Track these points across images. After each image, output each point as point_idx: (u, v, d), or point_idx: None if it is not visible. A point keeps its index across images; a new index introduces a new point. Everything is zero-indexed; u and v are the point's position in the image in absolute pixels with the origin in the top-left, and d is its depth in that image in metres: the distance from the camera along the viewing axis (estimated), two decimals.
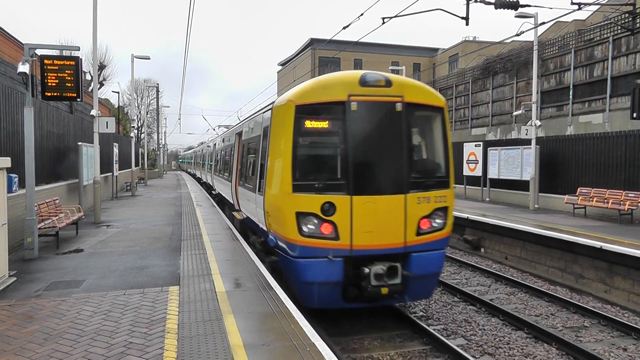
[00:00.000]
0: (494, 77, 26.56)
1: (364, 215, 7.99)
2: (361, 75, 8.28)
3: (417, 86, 8.63)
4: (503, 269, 14.16)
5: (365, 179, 8.09)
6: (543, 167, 19.57)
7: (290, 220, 7.90)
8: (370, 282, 7.97)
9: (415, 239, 8.23)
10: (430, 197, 8.38)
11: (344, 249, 7.90)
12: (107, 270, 9.39)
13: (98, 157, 16.26)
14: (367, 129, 8.17)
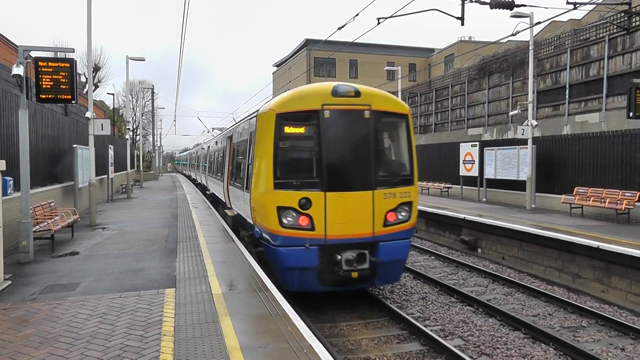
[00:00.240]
0: (490, 77, 26.63)
1: (336, 209, 9.39)
2: (333, 87, 9.70)
3: (383, 96, 10.06)
4: (500, 269, 14.19)
5: (337, 177, 9.46)
6: (540, 167, 19.63)
7: (272, 214, 9.27)
8: (342, 267, 9.33)
9: (382, 230, 9.60)
10: (396, 193, 9.81)
11: (319, 238, 9.31)
12: (102, 273, 9.38)
13: (93, 159, 16.22)
14: (339, 134, 9.57)
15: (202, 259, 10.19)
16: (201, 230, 13.91)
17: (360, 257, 9.48)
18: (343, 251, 9.43)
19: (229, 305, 7.27)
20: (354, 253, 9.43)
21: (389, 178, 9.89)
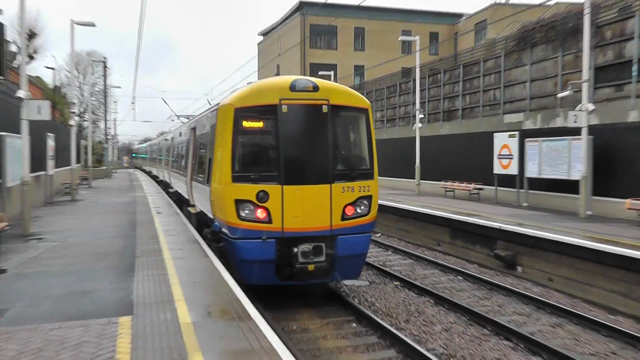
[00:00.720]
0: (532, 49, 26.59)
1: (293, 202, 11.60)
2: (292, 82, 11.98)
3: (342, 90, 12.48)
4: (546, 294, 14.15)
5: (294, 171, 11.72)
6: (597, 164, 19.58)
7: (230, 207, 11.50)
8: (298, 260, 11.53)
9: (340, 223, 11.94)
10: (355, 187, 12.15)
11: (276, 231, 11.52)
12: (38, 296, 9.25)
13: (28, 151, 16.08)
14: (297, 128, 11.86)
15: (166, 278, 10.10)
16: (166, 242, 13.85)
17: (316, 250, 11.70)
18: (300, 244, 11.64)
19: (200, 338, 7.16)
20: (310, 245, 11.65)
21: (347, 172, 12.23)
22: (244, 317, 7.98)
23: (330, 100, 12.31)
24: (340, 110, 12.47)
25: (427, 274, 16.42)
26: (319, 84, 12.34)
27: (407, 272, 16.59)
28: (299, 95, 12.13)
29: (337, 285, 14.27)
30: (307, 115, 12.21)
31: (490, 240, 18.05)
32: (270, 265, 11.77)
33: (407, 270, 16.87)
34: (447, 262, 17.83)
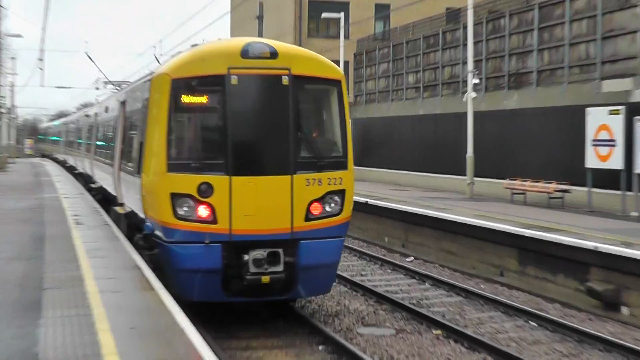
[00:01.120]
0: None
1: (244, 197, 13.02)
2: (243, 46, 13.36)
3: (308, 57, 13.96)
4: None
5: (246, 158, 13.20)
6: None
7: (165, 202, 12.96)
8: (249, 269, 12.90)
9: (304, 225, 13.34)
10: (322, 179, 13.48)
11: (223, 233, 12.92)
12: None
13: None
14: (249, 105, 13.42)
15: (90, 321, 10.04)
16: (90, 267, 13.81)
17: (272, 258, 13.11)
18: (253, 250, 13.05)
19: None
20: (265, 252, 13.07)
21: (313, 160, 13.66)
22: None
23: (293, 70, 13.62)
24: (306, 82, 13.89)
25: (484, 318, 16.35)
26: (278, 49, 13.72)
27: (453, 315, 16.53)
28: (252, 62, 13.45)
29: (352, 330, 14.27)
30: (263, 89, 13.70)
31: (579, 268, 18.02)
32: (215, 276, 13.19)
33: (453, 312, 16.80)
34: (514, 300, 17.75)
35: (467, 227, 22.45)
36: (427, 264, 23.28)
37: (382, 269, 22.19)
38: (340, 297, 17.91)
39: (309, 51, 14.53)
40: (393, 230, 27.42)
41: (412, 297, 18.28)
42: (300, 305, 16.55)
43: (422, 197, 30.00)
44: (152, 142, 13.69)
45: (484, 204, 27.61)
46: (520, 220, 22.01)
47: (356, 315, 16.09)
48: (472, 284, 20.04)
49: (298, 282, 13.65)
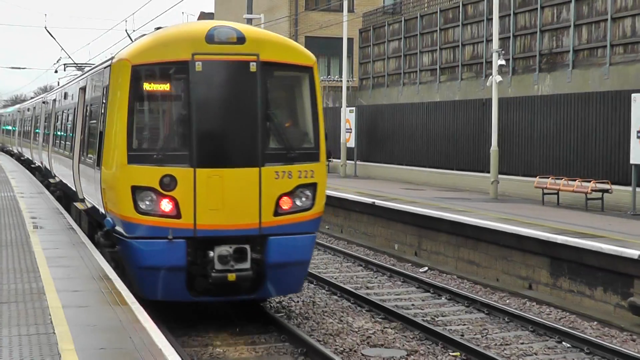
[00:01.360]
0: None
1: (209, 190, 14.42)
2: (209, 30, 14.72)
3: (278, 42, 15.55)
4: None
5: (211, 149, 14.64)
6: None
7: (125, 196, 14.34)
8: (215, 266, 14.31)
9: (273, 220, 14.85)
10: (293, 172, 14.95)
11: (187, 228, 14.35)
12: None
13: None
14: (215, 93, 14.85)
15: (52, 340, 10.11)
16: (52, 278, 13.84)
17: (239, 254, 14.51)
18: (218, 246, 14.43)
19: None
20: (231, 248, 14.49)
21: (283, 152, 15.18)
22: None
23: (261, 56, 15.04)
24: (275, 68, 15.46)
25: (509, 338, 16.43)
26: (246, 33, 15.13)
27: (473, 334, 16.63)
28: (218, 48, 14.86)
29: (356, 351, 14.36)
30: (230, 76, 15.12)
31: (621, 281, 18.03)
32: (179, 274, 14.54)
33: (473, 331, 16.90)
34: (545, 318, 17.80)
35: (490, 233, 22.48)
36: (444, 275, 23.34)
37: (391, 281, 22.28)
38: (343, 314, 18.01)
39: (279, 36, 16.16)
40: (404, 236, 27.47)
41: (426, 314, 18.36)
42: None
43: (438, 198, 30.04)
44: (112, 132, 14.94)
45: (510, 205, 27.66)
46: (553, 225, 22.04)
47: (361, 334, 16.16)
48: (495, 299, 20.12)
49: (267, 280, 15.05)
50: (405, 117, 39.86)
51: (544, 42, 33.34)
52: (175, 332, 14.94)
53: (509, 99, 31.98)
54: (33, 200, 27.28)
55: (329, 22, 55.05)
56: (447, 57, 41.03)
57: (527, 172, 30.48)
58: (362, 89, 51.25)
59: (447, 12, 41.36)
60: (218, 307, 17.67)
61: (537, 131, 30.30)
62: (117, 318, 11.23)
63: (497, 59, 30.50)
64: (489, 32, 35.63)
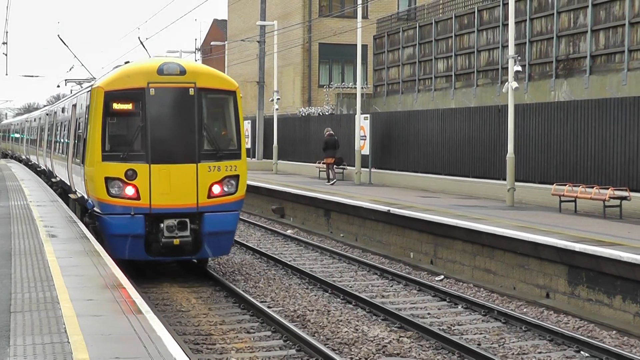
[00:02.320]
0: None
1: (160, 180, 20.29)
2: (159, 65, 20.75)
3: (210, 73, 21.71)
4: None
5: (161, 150, 20.43)
6: None
7: (100, 184, 20.24)
8: (164, 234, 20.27)
9: (207, 201, 20.87)
10: (221, 166, 20.94)
11: (144, 207, 20.21)
12: None
13: None
14: (164, 110, 20.76)
15: (66, 349, 10.11)
16: (66, 287, 13.89)
17: (181, 225, 20.72)
18: (166, 219, 20.59)
19: None
20: (175, 221, 20.64)
21: (214, 152, 21.46)
22: None
23: (197, 83, 21.40)
24: (208, 92, 21.83)
25: (527, 347, 16.41)
26: (186, 67, 21.70)
27: (490, 343, 16.64)
28: (166, 78, 21.18)
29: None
30: (174, 98, 21.58)
31: None
32: (140, 240, 20.94)
33: (490, 340, 16.89)
34: (563, 327, 17.79)
35: (506, 241, 22.45)
36: (460, 284, 23.32)
37: (407, 290, 22.26)
38: (358, 322, 18.01)
39: (211, 68, 23.25)
40: (420, 244, 27.44)
41: (442, 322, 18.34)
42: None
43: (453, 205, 29.98)
44: (91, 138, 21.57)
45: (526, 213, 27.60)
46: (570, 233, 22.00)
47: (376, 344, 16.15)
48: (512, 307, 20.08)
49: (203, 244, 21.50)
50: (420, 124, 39.77)
51: (560, 47, 33.34)
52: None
53: (525, 106, 31.93)
54: (46, 209, 27.36)
55: (342, 29, 55.13)
56: (463, 64, 41.06)
57: (543, 180, 30.42)
58: (377, 96, 51.29)
59: (462, 17, 41.40)
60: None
61: (554, 138, 30.25)
62: (132, 327, 11.23)
63: (513, 65, 30.43)
64: (504, 37, 35.64)
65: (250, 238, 32.47)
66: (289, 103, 63.63)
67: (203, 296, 20.96)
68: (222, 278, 22.47)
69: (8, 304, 12.68)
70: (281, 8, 64.99)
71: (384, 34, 50.91)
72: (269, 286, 22.21)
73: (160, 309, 18.89)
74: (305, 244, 30.58)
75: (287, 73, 65.04)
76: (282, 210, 39.87)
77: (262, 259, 26.87)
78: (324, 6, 63.12)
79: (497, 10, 37.80)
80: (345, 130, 45.10)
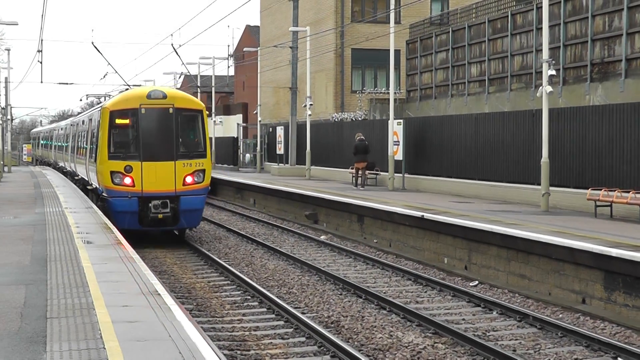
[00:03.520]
0: None
1: (149, 173, 30.64)
2: (148, 92, 31.46)
3: (184, 97, 32.91)
4: None
5: (150, 152, 30.81)
6: None
7: (107, 176, 30.80)
8: (151, 211, 30.53)
9: (182, 188, 31.01)
10: (192, 163, 31.18)
11: (137, 192, 30.47)
12: None
13: None
14: (151, 124, 31.27)
15: (103, 356, 10.15)
16: (101, 293, 14.00)
17: (164, 205, 30.19)
18: (153, 201, 30.06)
19: None
20: (159, 201, 30.12)
21: (187, 153, 31.08)
22: None
23: (175, 105, 30.66)
24: (182, 111, 30.94)
25: (563, 353, 16.33)
26: (167, 93, 31.26)
27: (525, 349, 16.59)
28: (153, 101, 30.29)
29: None
30: (158, 115, 30.65)
31: None
32: (135, 215, 29.91)
33: (525, 346, 16.82)
34: (599, 333, 17.70)
35: (541, 246, 22.35)
36: (494, 289, 23.23)
37: (441, 295, 22.21)
38: (392, 328, 18.01)
39: (185, 93, 34.35)
40: (454, 249, 27.36)
41: (477, 328, 18.30)
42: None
43: (487, 211, 29.90)
44: (101, 143, 31.20)
45: (561, 218, 27.48)
46: (606, 238, 21.87)
47: (411, 350, 16.14)
48: (547, 313, 20.00)
49: (180, 218, 30.96)
50: (453, 129, 39.65)
51: (595, 51, 33.16)
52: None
53: (559, 110, 31.80)
54: (81, 216, 27.61)
55: (375, 34, 55.03)
56: (496, 68, 40.90)
57: (578, 184, 30.26)
58: (410, 101, 51.20)
59: (496, 22, 41.26)
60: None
61: (588, 142, 30.09)
62: (167, 333, 11.31)
63: (548, 69, 30.29)
64: (538, 41, 35.47)
65: (283, 244, 32.57)
66: (322, 109, 63.64)
67: (241, 306, 21.01)
68: (258, 284, 22.49)
69: (44, 310, 12.80)
70: (313, 14, 65.03)
71: (417, 39, 50.85)
72: (303, 292, 22.24)
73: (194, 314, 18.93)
74: (339, 250, 30.62)
75: (319, 79, 65.07)
76: (316, 216, 39.87)
77: (295, 265, 26.92)
78: (357, 11, 63.11)
79: (531, 14, 37.63)
80: (379, 136, 45.09)
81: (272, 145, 65.66)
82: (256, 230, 37.63)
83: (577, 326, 18.38)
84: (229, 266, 25.65)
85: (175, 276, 24.81)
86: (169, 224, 31.03)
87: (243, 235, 34.75)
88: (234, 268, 25.33)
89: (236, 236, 35.14)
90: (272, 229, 38.01)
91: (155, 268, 25.21)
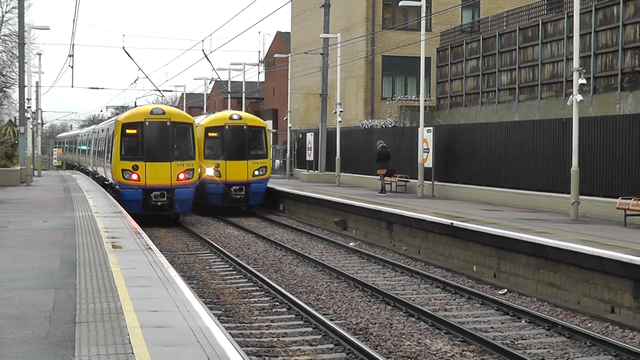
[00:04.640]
0: None
1: (151, 170, 42.20)
2: (151, 109, 43.79)
3: (179, 113, 45.93)
4: None
5: (152, 154, 42.28)
6: None
7: (119, 173, 42.46)
8: (152, 199, 41.81)
9: (176, 182, 42.08)
10: (184, 164, 42.38)
11: (142, 185, 41.90)
12: None
13: None
14: (153, 133, 43.06)
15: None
16: (130, 298, 14.04)
17: (162, 195, 41.24)
18: (153, 192, 41.38)
19: None
20: (159, 192, 41.22)
21: (180, 156, 42.08)
22: None
23: (171, 119, 41.69)
24: (177, 124, 41.81)
25: None
26: (166, 110, 42.95)
27: (554, 358, 16.51)
28: (155, 116, 41.42)
29: None
30: (159, 127, 41.57)
31: None
32: (140, 202, 40.62)
33: (554, 355, 16.72)
34: (629, 342, 17.59)
35: (571, 255, 22.24)
36: (523, 298, 23.13)
37: (470, 303, 22.12)
38: (420, 336, 17.96)
39: (180, 110, 49.77)
40: (483, 257, 27.26)
41: (505, 337, 18.21)
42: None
43: (517, 219, 29.78)
44: (114, 147, 41.39)
45: (591, 227, 27.33)
46: (636, 247, 21.72)
47: (439, 357, 16.12)
48: (576, 322, 19.90)
49: (175, 206, 40.79)
50: (483, 137, 39.53)
51: (626, 60, 33.03)
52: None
53: (590, 119, 31.65)
54: (110, 220, 27.70)
55: (406, 41, 55.08)
56: (526, 76, 40.81)
57: (608, 193, 30.11)
58: (440, 109, 51.17)
59: (527, 30, 41.17)
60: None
61: (619, 151, 29.95)
62: (195, 338, 11.34)
63: (578, 77, 30.16)
64: (569, 50, 35.37)
65: (312, 250, 32.49)
66: (352, 115, 63.69)
67: (269, 312, 21.04)
68: (286, 291, 22.49)
69: (73, 314, 12.86)
70: (344, 21, 65.09)
71: (448, 47, 50.84)
72: (332, 299, 22.22)
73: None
74: (368, 257, 30.54)
75: (350, 85, 65.12)
76: (345, 222, 39.85)
77: (324, 271, 26.89)
78: (387, 19, 63.11)
79: (562, 22, 37.54)
80: (408, 143, 45.05)
81: (302, 152, 65.69)
82: (285, 236, 37.67)
83: (606, 335, 18.27)
84: (258, 272, 25.64)
85: (204, 281, 24.83)
86: (166, 210, 41.08)
87: (272, 242, 34.80)
88: (262, 274, 25.33)
89: (265, 242, 35.19)
90: (301, 235, 38.05)
91: (184, 273, 25.28)
